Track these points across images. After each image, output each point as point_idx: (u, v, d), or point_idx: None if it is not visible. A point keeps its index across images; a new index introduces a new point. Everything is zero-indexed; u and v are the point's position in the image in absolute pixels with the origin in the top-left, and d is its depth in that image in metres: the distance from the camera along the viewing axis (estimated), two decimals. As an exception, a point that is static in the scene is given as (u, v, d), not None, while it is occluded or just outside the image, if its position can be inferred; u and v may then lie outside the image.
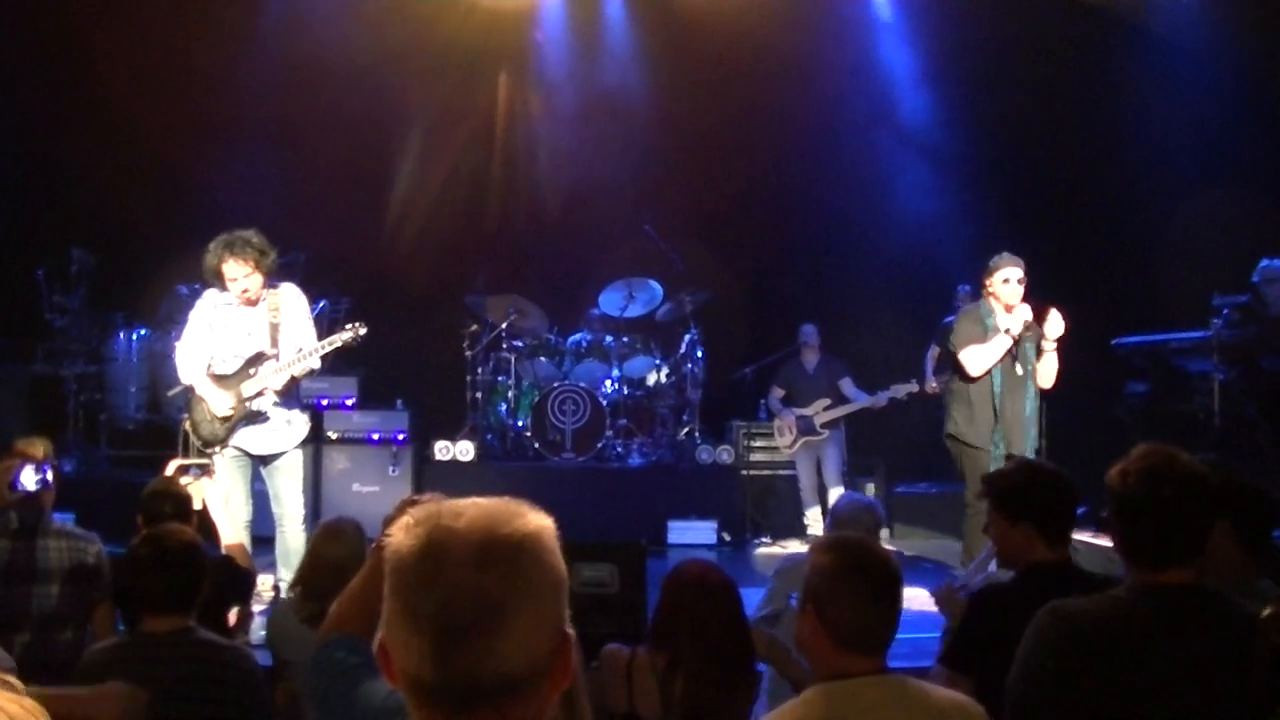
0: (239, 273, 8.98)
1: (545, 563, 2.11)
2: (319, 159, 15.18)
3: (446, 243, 15.66)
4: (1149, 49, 14.45)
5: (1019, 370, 9.58)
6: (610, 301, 15.08)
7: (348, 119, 15.14)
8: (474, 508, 2.13)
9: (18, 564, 6.19)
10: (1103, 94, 14.66)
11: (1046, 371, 9.58)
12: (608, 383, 14.68)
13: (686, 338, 14.83)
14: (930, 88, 15.69)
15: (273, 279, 9.27)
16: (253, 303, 9.19)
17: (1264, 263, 11.93)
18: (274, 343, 9.20)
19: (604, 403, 14.29)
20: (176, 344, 9.45)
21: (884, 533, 8.25)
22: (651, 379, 14.94)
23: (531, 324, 14.98)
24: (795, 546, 13.28)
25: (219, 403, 9.05)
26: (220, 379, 9.14)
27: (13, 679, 2.08)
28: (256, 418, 9.19)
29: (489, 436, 14.71)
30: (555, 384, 14.43)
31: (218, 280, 9.07)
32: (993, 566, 6.66)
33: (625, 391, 14.80)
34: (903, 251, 15.45)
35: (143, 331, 14.45)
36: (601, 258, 15.53)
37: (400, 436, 13.72)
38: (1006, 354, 9.61)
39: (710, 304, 14.95)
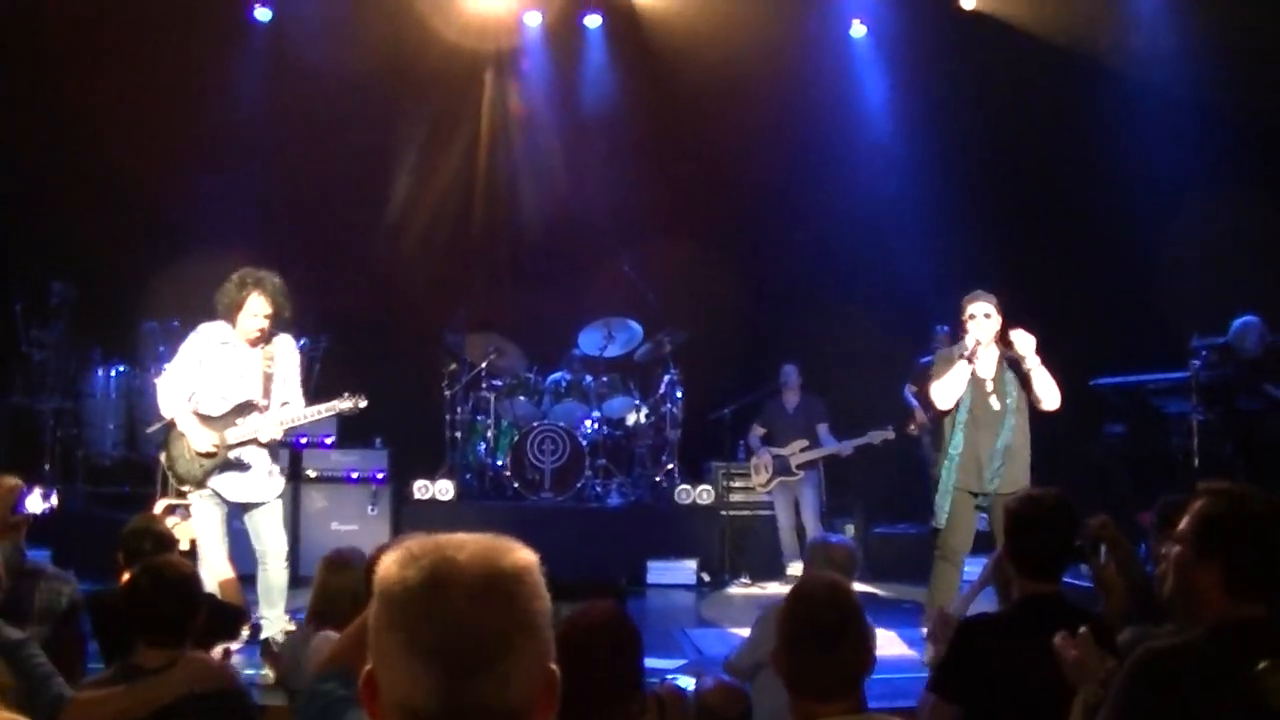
0: (261, 310, 9.00)
1: (541, 597, 2.12)
2: (299, 193, 15.21)
3: (425, 281, 15.64)
4: (1126, 91, 14.53)
5: (995, 405, 9.45)
6: (589, 341, 15.10)
7: (327, 154, 15.15)
8: (473, 541, 2.12)
9: (19, 603, 6.08)
10: (1081, 136, 14.72)
11: (1044, 393, 9.37)
12: (587, 422, 14.65)
13: (665, 378, 14.82)
14: (911, 129, 15.73)
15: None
16: (254, 344, 9.15)
17: (1235, 326, 12.03)
18: (265, 392, 9.15)
19: (583, 442, 14.26)
20: (158, 376, 9.34)
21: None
22: (630, 419, 14.92)
23: (510, 363, 15.00)
24: (775, 588, 13.22)
25: (201, 439, 8.93)
26: (204, 419, 9.04)
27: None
28: (238, 465, 9.10)
29: (468, 476, 14.68)
30: (534, 423, 14.40)
31: (232, 313, 9.04)
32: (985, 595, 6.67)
33: (604, 431, 14.79)
34: (882, 292, 15.49)
35: (121, 367, 14.44)
36: (581, 297, 15.51)
37: (379, 475, 13.66)
38: (980, 390, 9.53)
39: (689, 344, 14.96)
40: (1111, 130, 14.59)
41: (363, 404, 9.39)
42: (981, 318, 9.47)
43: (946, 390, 9.51)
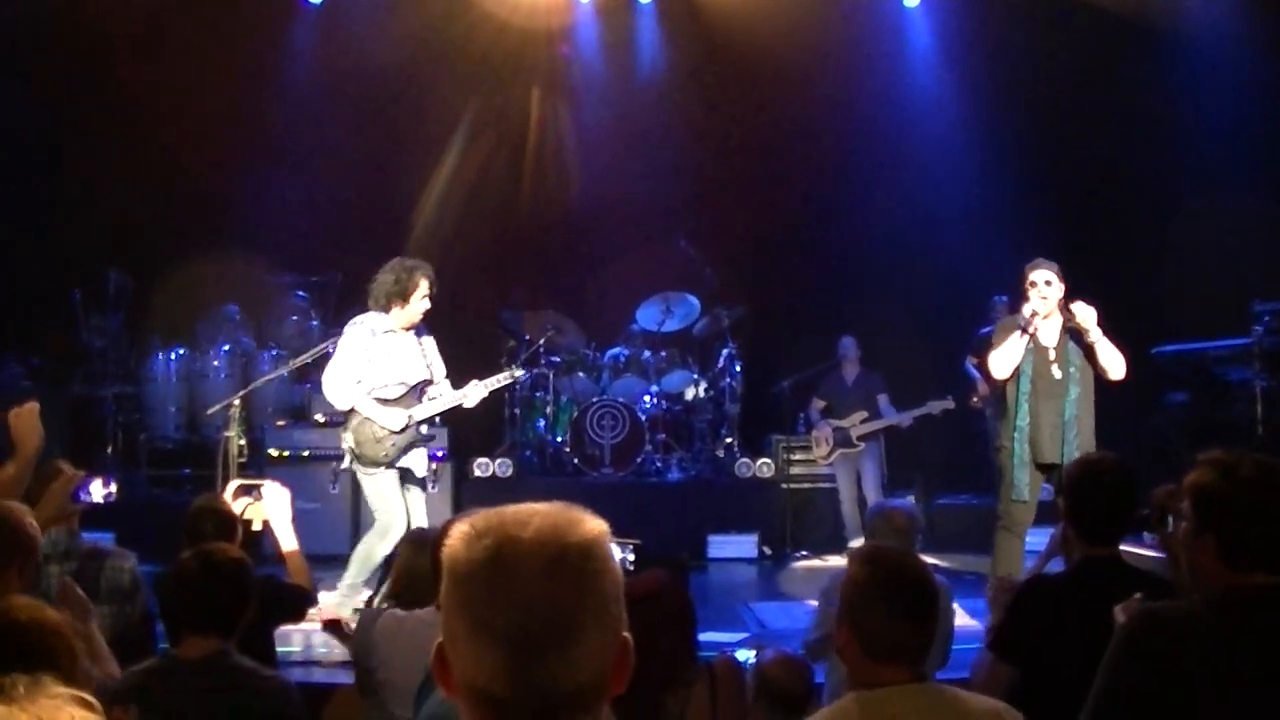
0: (429, 291, 9.47)
1: (610, 569, 2.10)
2: (353, 177, 15.25)
3: (482, 260, 15.66)
4: (1185, 57, 14.40)
5: (1057, 374, 9.32)
6: (647, 316, 15.09)
7: (380, 137, 15.22)
8: (538, 516, 2.08)
9: (86, 585, 6.04)
10: (1138, 103, 14.62)
11: (1109, 363, 9.23)
12: (646, 398, 14.66)
13: (724, 352, 14.81)
14: (967, 100, 15.62)
15: None
16: (409, 328, 9.53)
17: None
18: (429, 370, 9.65)
19: (642, 418, 14.28)
20: (327, 372, 9.49)
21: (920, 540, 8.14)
22: (690, 393, 14.92)
23: (568, 340, 14.99)
24: (836, 561, 13.17)
25: (395, 418, 9.29)
26: (385, 402, 9.36)
27: (92, 698, 2.06)
28: (420, 441, 9.57)
29: (527, 453, 14.73)
30: (593, 399, 14.44)
31: (402, 299, 9.39)
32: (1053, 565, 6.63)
33: (663, 406, 14.77)
34: (940, 263, 15.39)
35: (180, 351, 14.50)
36: (638, 273, 15.46)
37: (439, 454, 13.60)
38: (1043, 359, 9.44)
39: (747, 318, 14.94)
40: (1167, 96, 14.47)
41: (520, 373, 10.54)
42: (1043, 285, 9.35)
43: (1003, 360, 9.42)
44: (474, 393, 9.74)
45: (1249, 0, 13.79)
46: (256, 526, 7.03)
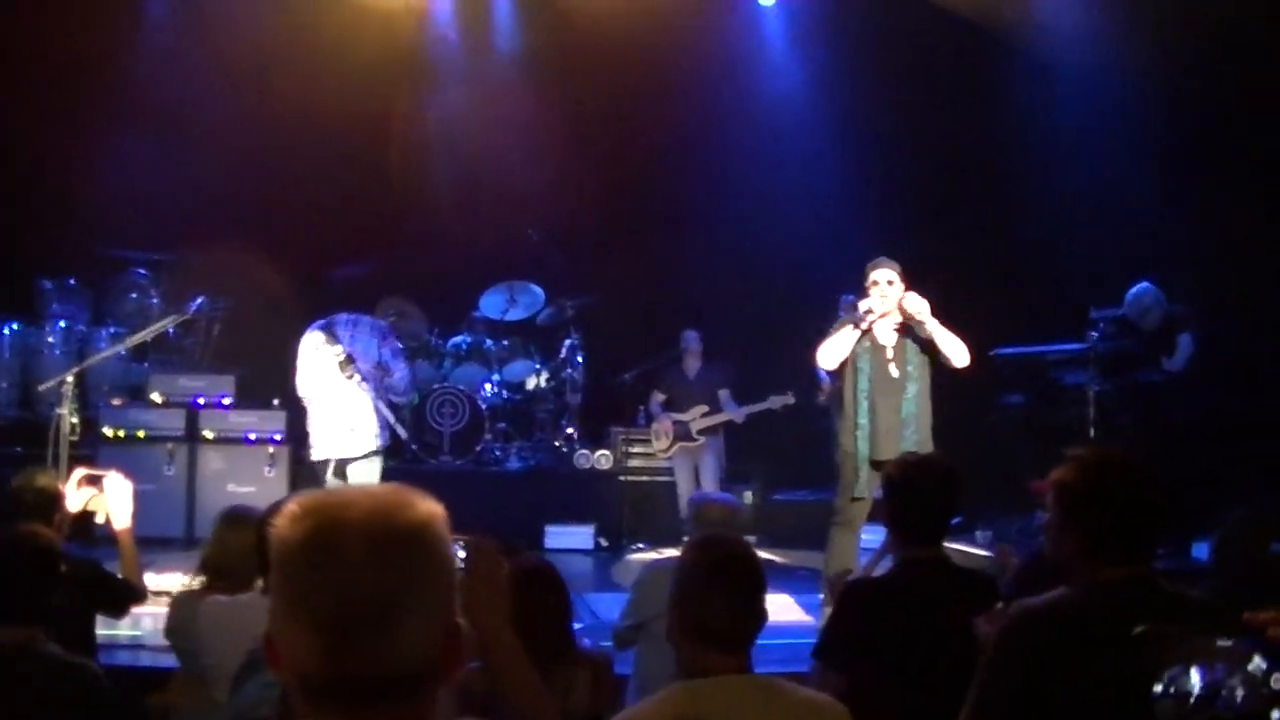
0: None
1: (439, 552, 2.05)
2: (200, 154, 14.98)
3: (327, 243, 15.50)
4: (1034, 63, 14.60)
5: (895, 372, 9.43)
6: (491, 304, 15.10)
7: (231, 114, 14.98)
8: (364, 496, 2.04)
9: None
10: (984, 109, 14.79)
11: (950, 351, 9.35)
12: (487, 386, 14.69)
13: (567, 342, 14.85)
14: (820, 99, 15.74)
15: None
16: None
17: (1130, 294, 12.17)
18: None
19: (483, 406, 14.28)
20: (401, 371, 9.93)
21: (751, 538, 8.20)
22: (531, 383, 14.95)
23: (412, 326, 14.87)
24: (673, 553, 13.20)
25: None
26: None
27: None
28: None
29: (366, 438, 14.59)
30: (434, 386, 14.39)
31: None
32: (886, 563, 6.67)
33: (504, 395, 14.84)
34: (787, 261, 15.46)
35: (14, 326, 14.16)
36: (484, 259, 15.44)
37: (277, 437, 13.51)
38: (880, 358, 9.51)
39: (592, 309, 14.98)
40: (1015, 100, 14.66)
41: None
42: (884, 284, 9.45)
43: (832, 351, 9.49)
44: None
45: (1097, 9, 13.96)
46: (99, 519, 6.88)
